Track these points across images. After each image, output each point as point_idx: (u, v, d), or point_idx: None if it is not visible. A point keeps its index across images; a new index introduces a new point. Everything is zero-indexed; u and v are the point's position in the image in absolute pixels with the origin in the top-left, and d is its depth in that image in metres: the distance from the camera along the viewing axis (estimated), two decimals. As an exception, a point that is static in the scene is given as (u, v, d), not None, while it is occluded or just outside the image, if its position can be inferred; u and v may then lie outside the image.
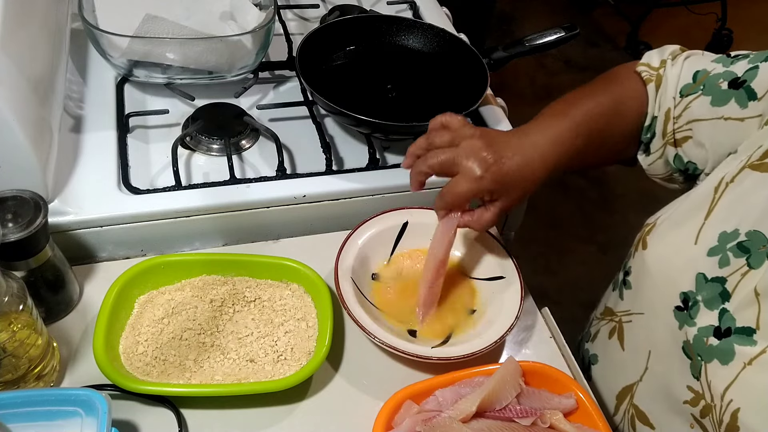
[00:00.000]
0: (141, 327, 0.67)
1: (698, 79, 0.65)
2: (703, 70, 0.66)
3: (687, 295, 0.60)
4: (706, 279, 0.59)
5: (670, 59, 0.69)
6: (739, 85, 0.62)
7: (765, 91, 0.60)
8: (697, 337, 0.58)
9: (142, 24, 0.82)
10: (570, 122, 0.66)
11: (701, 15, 2.78)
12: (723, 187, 0.60)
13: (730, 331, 0.56)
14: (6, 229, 0.59)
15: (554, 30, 0.92)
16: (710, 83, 0.64)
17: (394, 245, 0.77)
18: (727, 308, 0.57)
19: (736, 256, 0.57)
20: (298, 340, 0.67)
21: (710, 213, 0.60)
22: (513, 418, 0.61)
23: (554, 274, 1.96)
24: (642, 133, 0.71)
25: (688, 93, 0.66)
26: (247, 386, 0.62)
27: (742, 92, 0.61)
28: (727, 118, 0.62)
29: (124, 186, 0.76)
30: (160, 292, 0.70)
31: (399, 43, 0.98)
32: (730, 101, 0.62)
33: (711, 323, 0.57)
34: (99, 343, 0.62)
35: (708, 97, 0.64)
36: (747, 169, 0.58)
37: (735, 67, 0.63)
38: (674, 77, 0.67)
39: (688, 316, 0.60)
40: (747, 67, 0.62)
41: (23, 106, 0.65)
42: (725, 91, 0.63)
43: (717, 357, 0.56)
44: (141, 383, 0.60)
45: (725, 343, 0.56)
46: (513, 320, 0.68)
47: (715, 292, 0.58)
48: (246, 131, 0.85)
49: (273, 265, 0.72)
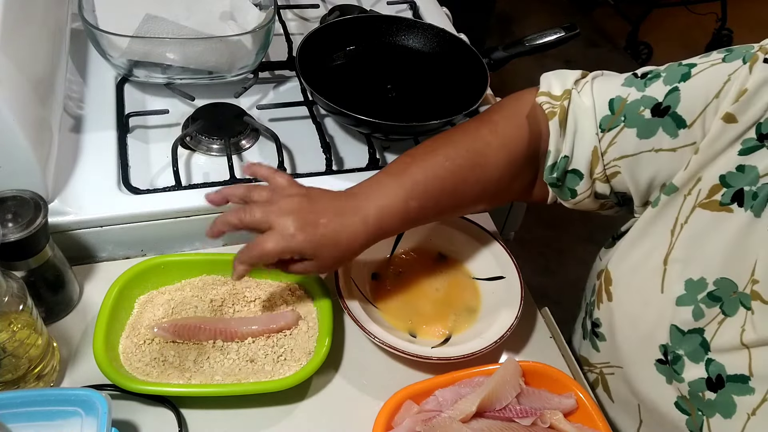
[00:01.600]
0: (141, 327, 0.67)
1: (616, 109, 0.60)
2: (618, 97, 0.60)
3: (666, 348, 0.58)
4: (682, 332, 0.56)
5: (575, 89, 0.63)
6: (663, 112, 0.57)
7: (695, 117, 0.55)
8: (691, 392, 0.56)
9: (142, 24, 0.82)
10: (403, 186, 0.61)
11: (701, 15, 2.78)
12: (678, 230, 0.57)
13: (723, 381, 0.54)
14: (6, 229, 0.59)
15: (554, 30, 0.92)
16: (631, 113, 0.59)
17: (394, 245, 0.77)
18: (712, 357, 0.55)
19: (709, 307, 0.55)
20: (298, 340, 0.67)
21: (668, 256, 0.57)
22: (513, 418, 0.61)
23: (554, 274, 1.96)
24: (546, 173, 0.65)
25: (609, 127, 0.60)
26: (247, 386, 0.62)
27: (668, 120, 0.57)
28: (658, 150, 0.58)
29: (124, 186, 0.76)
30: (160, 292, 0.70)
31: (399, 43, 0.98)
32: (657, 131, 0.57)
33: (700, 376, 0.55)
34: (99, 343, 0.62)
35: (632, 129, 0.59)
36: (698, 208, 0.55)
37: (652, 91, 0.58)
38: (588, 110, 0.61)
39: (673, 371, 0.57)
40: (665, 90, 0.57)
41: (23, 106, 0.65)
42: (650, 121, 0.58)
43: (719, 411, 0.54)
44: (141, 383, 0.60)
45: (723, 395, 0.54)
46: (513, 320, 0.68)
47: (696, 344, 0.55)
48: (246, 131, 0.85)
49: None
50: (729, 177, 0.53)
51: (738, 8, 2.76)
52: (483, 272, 0.75)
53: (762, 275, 0.51)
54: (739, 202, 0.53)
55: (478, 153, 0.64)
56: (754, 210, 0.52)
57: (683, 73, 0.57)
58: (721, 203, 0.54)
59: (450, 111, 0.82)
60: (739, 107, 0.52)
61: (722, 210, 0.54)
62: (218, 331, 0.66)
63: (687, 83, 0.56)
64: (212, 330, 0.66)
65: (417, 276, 0.75)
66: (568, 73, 0.65)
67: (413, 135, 0.85)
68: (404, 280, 0.74)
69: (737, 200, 0.53)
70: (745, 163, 0.53)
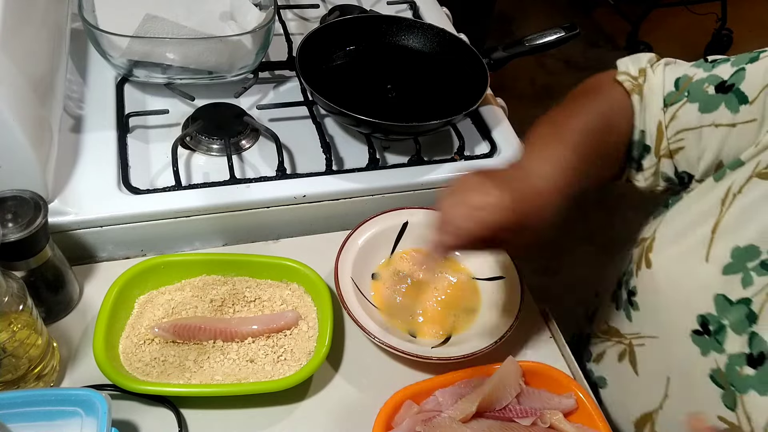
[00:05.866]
0: (141, 327, 0.67)
1: (681, 86, 0.62)
2: (684, 76, 0.62)
3: (705, 318, 0.56)
4: (731, 301, 0.55)
5: (649, 67, 0.66)
6: (727, 89, 0.58)
7: (757, 93, 0.56)
8: (728, 365, 0.55)
9: (142, 24, 0.82)
10: (567, 145, 0.60)
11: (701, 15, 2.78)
12: (730, 199, 0.56)
13: (764, 358, 0.52)
14: (6, 229, 0.59)
15: (554, 30, 0.92)
16: (695, 89, 0.61)
17: (394, 245, 0.77)
18: (756, 331, 0.53)
19: (759, 275, 0.53)
20: (298, 340, 0.67)
21: (717, 226, 0.56)
22: (513, 418, 0.61)
23: (554, 274, 1.96)
24: (632, 149, 0.67)
25: (672, 102, 0.62)
26: (247, 386, 0.62)
27: (731, 96, 0.58)
28: (718, 125, 0.59)
29: (124, 186, 0.76)
30: (160, 292, 0.70)
31: (399, 43, 0.98)
32: (719, 107, 0.59)
33: (742, 350, 0.54)
34: (99, 343, 0.62)
35: (695, 104, 0.61)
36: (755, 178, 0.55)
37: (718, 71, 0.60)
38: (657, 87, 0.64)
39: (715, 341, 0.56)
40: (732, 70, 0.59)
41: (23, 106, 0.65)
42: (713, 96, 0.59)
43: (754, 388, 0.53)
44: (141, 383, 0.60)
45: (763, 372, 0.52)
46: (513, 320, 0.68)
47: (742, 315, 0.54)
48: (246, 131, 0.85)
49: (273, 265, 0.72)
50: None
51: (738, 8, 2.75)
52: (483, 272, 0.75)
53: None
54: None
55: (607, 116, 0.65)
56: None
57: (752, 57, 0.59)
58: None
59: (450, 111, 0.82)
60: None
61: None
62: (218, 331, 0.66)
63: (754, 64, 0.58)
64: (212, 330, 0.66)
65: (417, 276, 0.75)
66: (642, 56, 0.68)
67: (413, 135, 0.85)
68: (404, 280, 0.74)
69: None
70: None
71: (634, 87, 0.65)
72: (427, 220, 0.77)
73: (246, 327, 0.67)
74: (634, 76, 0.66)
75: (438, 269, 0.75)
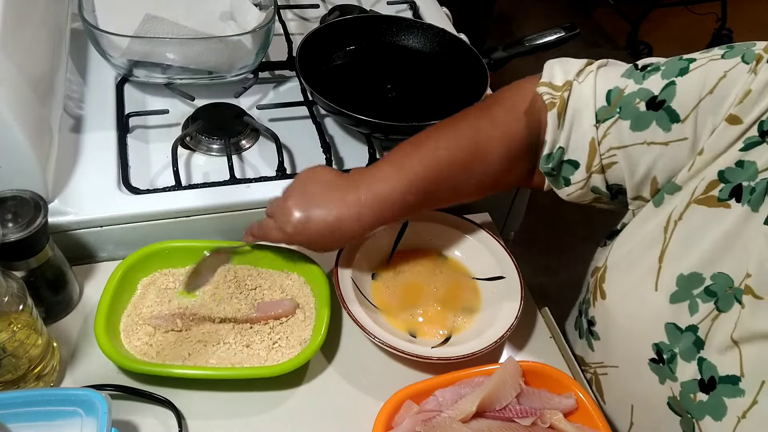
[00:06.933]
0: (143, 308, 0.68)
1: (612, 100, 0.60)
2: (616, 88, 0.60)
3: (659, 347, 0.57)
4: (680, 329, 0.55)
5: (576, 80, 0.63)
6: (658, 105, 0.57)
7: (688, 112, 0.55)
8: (682, 393, 0.55)
9: (142, 24, 0.82)
10: (404, 178, 0.63)
11: (701, 15, 2.78)
12: (672, 226, 0.56)
13: (715, 382, 0.53)
14: (6, 229, 0.59)
15: (554, 30, 0.92)
16: (626, 105, 0.59)
17: (394, 245, 0.77)
18: (705, 357, 0.54)
19: (704, 302, 0.54)
20: (294, 328, 0.68)
21: (663, 255, 0.57)
22: (513, 418, 0.61)
23: (554, 274, 1.96)
24: (542, 162, 0.65)
25: (604, 118, 0.60)
26: (238, 371, 0.63)
27: (662, 114, 0.56)
28: (650, 143, 0.58)
29: (124, 186, 0.76)
30: (163, 274, 0.71)
31: (399, 43, 0.98)
32: (651, 124, 0.57)
33: (693, 377, 0.55)
34: (100, 321, 0.63)
35: (627, 121, 0.59)
36: (693, 204, 0.55)
37: (649, 84, 0.58)
38: (588, 101, 0.61)
39: (668, 370, 0.57)
40: (662, 84, 0.57)
41: (23, 106, 0.65)
42: (645, 113, 0.58)
43: (709, 413, 0.53)
44: (139, 363, 0.61)
45: (714, 397, 0.53)
46: (513, 320, 0.68)
47: (689, 342, 0.55)
48: (246, 131, 0.85)
49: (275, 253, 0.73)
50: (728, 173, 0.53)
51: (738, 8, 2.76)
52: (483, 272, 0.75)
53: (754, 269, 0.51)
54: (737, 197, 0.53)
55: (478, 145, 0.65)
56: (752, 204, 0.52)
57: (682, 67, 0.57)
58: (719, 199, 0.54)
59: (450, 111, 0.81)
60: (743, 108, 0.52)
61: (720, 206, 0.53)
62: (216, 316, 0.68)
63: (684, 78, 0.56)
64: (211, 315, 0.68)
65: (417, 276, 0.75)
66: (572, 62, 0.66)
67: (413, 135, 0.85)
68: (404, 280, 0.74)
69: (735, 195, 0.53)
70: (744, 159, 0.52)
71: (553, 100, 0.63)
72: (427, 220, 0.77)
73: (244, 313, 0.68)
74: (558, 87, 0.63)
75: (438, 269, 0.75)
